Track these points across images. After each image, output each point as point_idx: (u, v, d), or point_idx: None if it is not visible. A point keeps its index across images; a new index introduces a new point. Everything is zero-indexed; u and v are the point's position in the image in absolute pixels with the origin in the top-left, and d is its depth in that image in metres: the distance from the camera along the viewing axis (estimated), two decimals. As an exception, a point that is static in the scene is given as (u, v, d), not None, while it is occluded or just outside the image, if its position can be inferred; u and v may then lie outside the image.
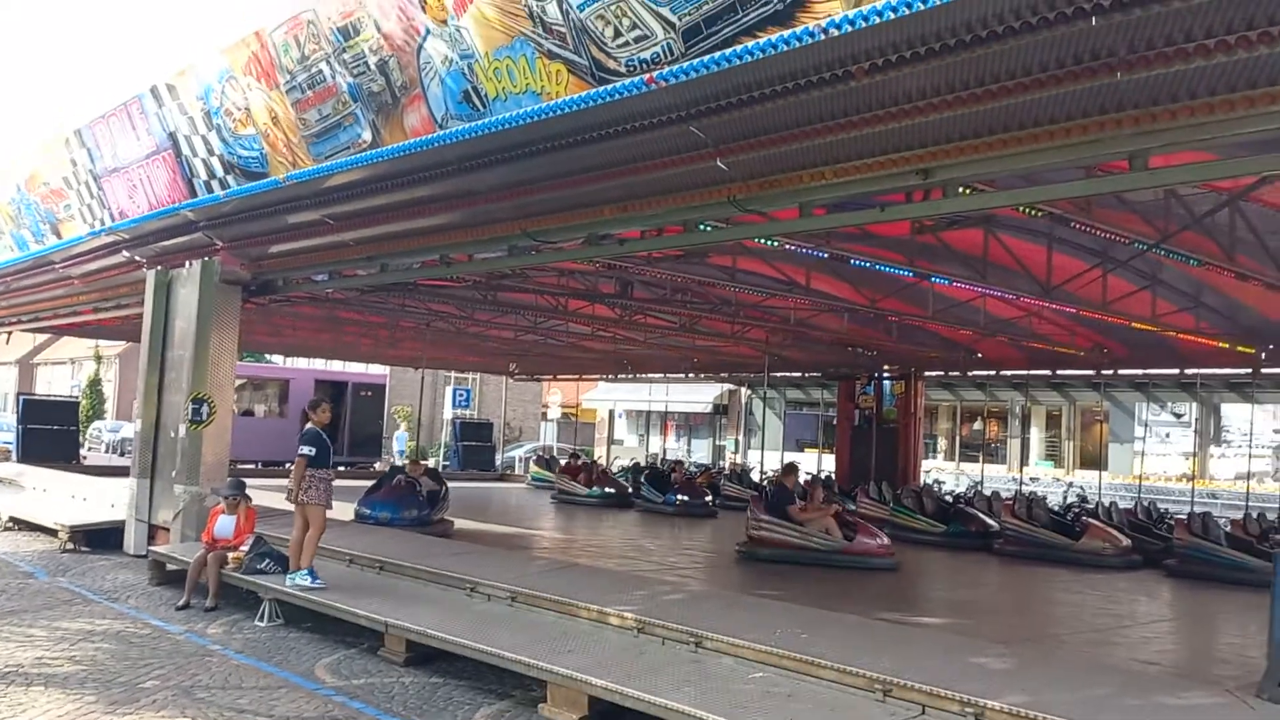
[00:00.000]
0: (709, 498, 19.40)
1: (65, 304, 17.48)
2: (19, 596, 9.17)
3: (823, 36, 5.02)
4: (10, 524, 13.63)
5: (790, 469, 14.18)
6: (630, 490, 20.45)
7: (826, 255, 10.98)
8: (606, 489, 20.49)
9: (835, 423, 24.82)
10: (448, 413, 31.83)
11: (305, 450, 8.37)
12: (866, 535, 12.51)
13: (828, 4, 5.01)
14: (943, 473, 27.86)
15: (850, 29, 4.90)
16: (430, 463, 25.85)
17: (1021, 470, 25.25)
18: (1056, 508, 16.14)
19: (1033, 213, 8.51)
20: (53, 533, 12.52)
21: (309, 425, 8.58)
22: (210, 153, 9.78)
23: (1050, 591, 11.97)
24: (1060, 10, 4.58)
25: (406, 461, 19.67)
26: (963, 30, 4.88)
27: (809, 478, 16.98)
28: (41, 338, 47.41)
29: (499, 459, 30.08)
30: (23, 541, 12.63)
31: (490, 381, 37.74)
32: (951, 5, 4.57)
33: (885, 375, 22.04)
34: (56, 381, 52.07)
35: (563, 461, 24.46)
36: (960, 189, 6.56)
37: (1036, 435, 30.37)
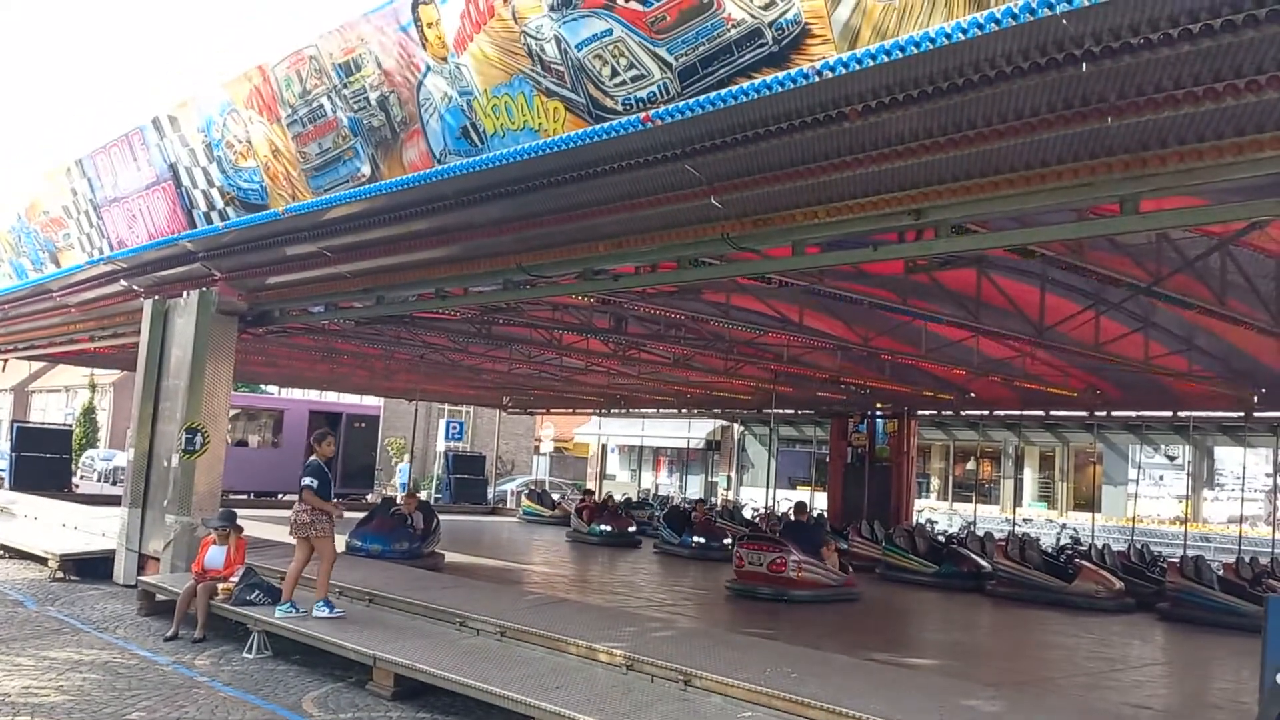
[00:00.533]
0: (728, 540, 18.08)
1: (62, 332, 17.48)
2: (7, 625, 9.09)
3: (817, 78, 5.11)
4: (1, 552, 13.53)
5: (802, 507, 14.36)
6: (635, 530, 20.00)
7: (821, 293, 11.06)
8: (613, 528, 19.66)
9: (828, 460, 24.79)
10: (440, 445, 31.73)
11: (308, 482, 8.38)
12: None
13: (822, 47, 5.11)
14: (935, 512, 27.79)
15: (844, 71, 4.99)
16: (422, 495, 25.73)
17: (1015, 511, 25.20)
18: (1050, 549, 16.12)
19: (1025, 254, 8.59)
20: (43, 561, 12.44)
21: (312, 458, 8.59)
22: (210, 184, 9.86)
23: (1042, 634, 11.92)
24: (1051, 56, 4.66)
25: (400, 494, 19.62)
26: (955, 74, 4.97)
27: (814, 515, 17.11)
28: (37, 365, 47.32)
29: (491, 492, 29.96)
30: (12, 570, 12.54)
31: (483, 415, 37.67)
32: (944, 49, 4.65)
33: (878, 414, 22.06)
34: (51, 409, 51.86)
35: (574, 497, 24.04)
36: (952, 229, 6.63)
37: (1030, 476, 30.31)
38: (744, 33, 5.32)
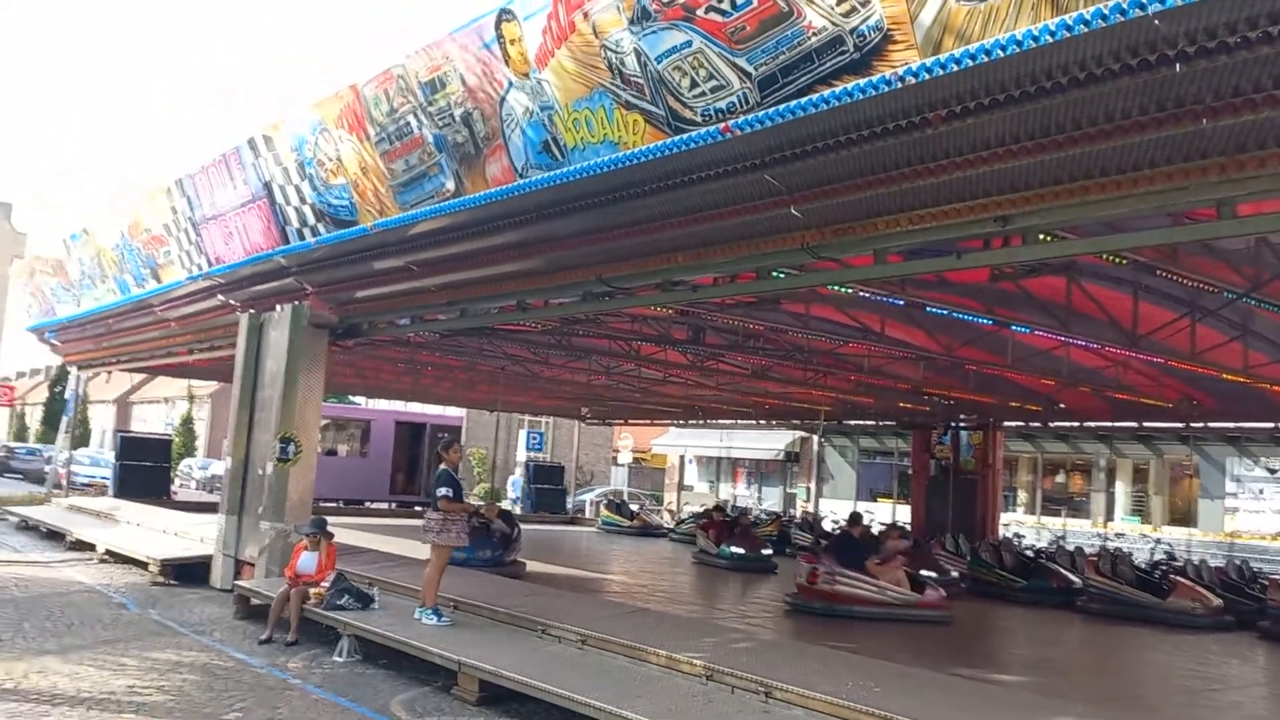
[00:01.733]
0: (767, 551, 17.69)
1: (162, 345, 18.18)
2: (112, 627, 9.49)
3: (900, 84, 5.08)
4: (106, 556, 14.11)
5: (856, 519, 13.89)
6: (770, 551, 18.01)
7: (903, 302, 10.92)
8: (746, 549, 17.34)
9: (910, 472, 24.38)
10: (521, 455, 32.10)
11: (443, 491, 8.66)
12: (929, 588, 12.31)
13: (905, 52, 5.08)
14: (1023, 526, 27.10)
15: (928, 77, 4.95)
16: (503, 504, 26.06)
17: (1106, 525, 24.42)
18: (1143, 565, 15.60)
19: (1117, 260, 8.37)
20: (144, 566, 12.94)
21: (442, 466, 8.85)
22: (302, 201, 10.18)
23: (1136, 651, 11.55)
24: (1143, 57, 4.55)
25: (482, 503, 19.89)
26: (1042, 77, 4.88)
27: (884, 528, 16.62)
28: (138, 377, 49.31)
29: (570, 502, 30.21)
30: (116, 574, 13.06)
31: (562, 425, 37.98)
32: (1031, 53, 4.59)
33: (962, 425, 21.64)
34: (151, 419, 53.92)
35: (697, 513, 22.98)
36: (1040, 236, 6.50)
37: (1122, 489, 29.33)
38: (824, 40, 5.31)
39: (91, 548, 14.59)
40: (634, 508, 27.62)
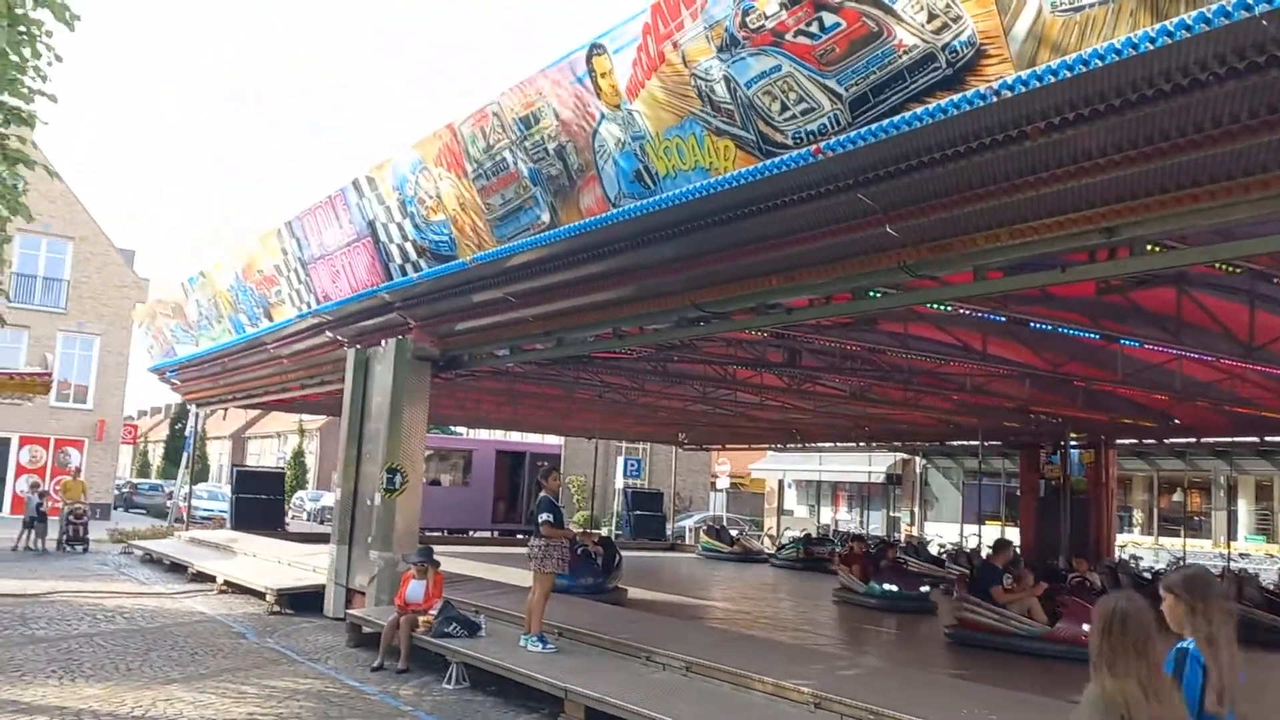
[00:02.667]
0: (925, 589, 14.99)
1: (275, 381, 18.90)
2: (233, 655, 9.86)
3: (994, 99, 5.02)
4: (225, 587, 14.67)
5: (1002, 546, 12.74)
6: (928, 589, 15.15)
7: (1004, 319, 10.67)
8: (900, 587, 15.32)
9: (1019, 494, 23.67)
10: (618, 482, 32.26)
11: (545, 517, 8.82)
12: (1074, 619, 10.89)
13: (999, 66, 5.02)
14: (1139, 547, 26.03)
15: (1023, 89, 4.89)
16: (603, 531, 26.21)
17: (1229, 546, 23.27)
18: (1271, 586, 14.80)
19: (1230, 269, 8.04)
20: (261, 596, 13.41)
21: (542, 494, 9.01)
22: (404, 238, 10.51)
23: (1268, 675, 10.93)
24: (1251, 60, 4.41)
25: (580, 530, 20.03)
26: (1144, 85, 4.77)
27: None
28: (252, 413, 51.28)
29: (670, 528, 30.19)
30: (235, 604, 13.57)
31: (660, 451, 38.05)
32: (1131, 60, 4.49)
33: (1072, 443, 20.93)
34: (264, 454, 55.97)
35: (798, 538, 22.19)
36: (1149, 246, 6.30)
37: (1244, 507, 27.93)
38: (916, 58, 5.29)
39: (212, 579, 15.19)
40: (733, 533, 27.47)
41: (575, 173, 8.02)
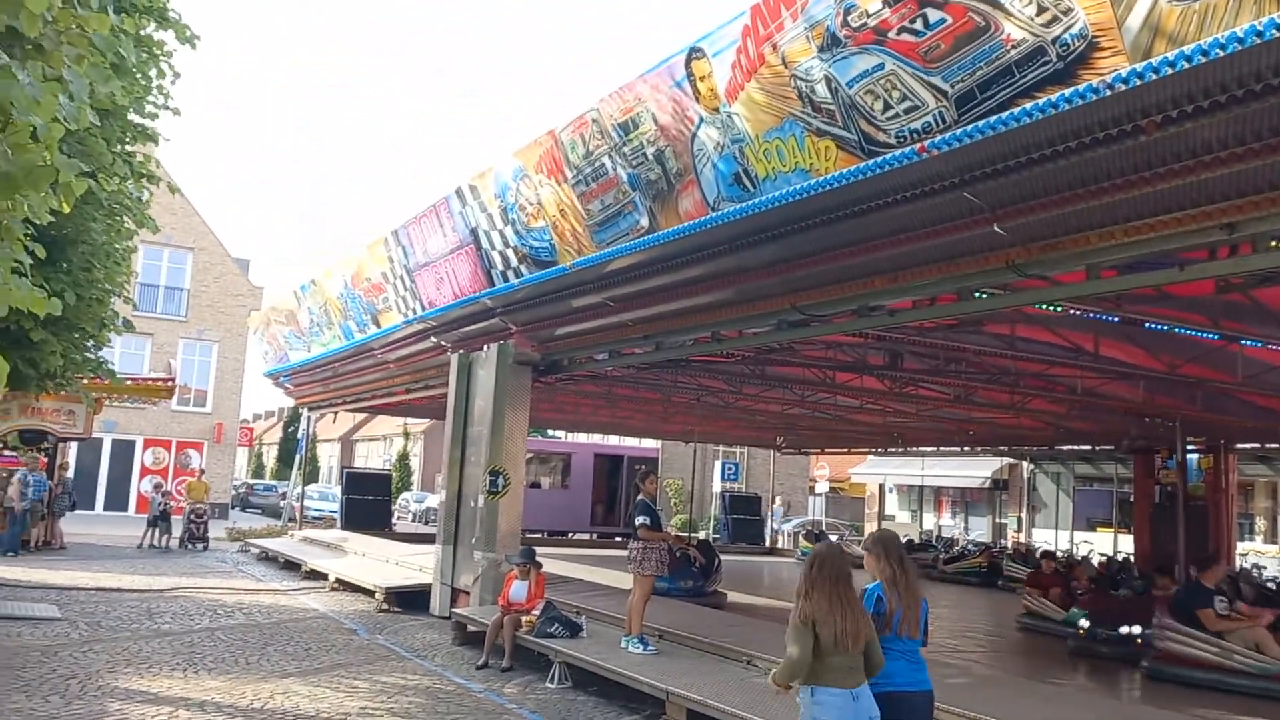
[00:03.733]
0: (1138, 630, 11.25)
1: (382, 385, 19.46)
2: (345, 651, 10.18)
3: (1108, 92, 4.87)
4: (336, 585, 15.17)
5: (1209, 561, 10.83)
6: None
7: (1118, 319, 10.30)
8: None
9: (1132, 500, 22.79)
10: (716, 486, 32.20)
11: (641, 520, 8.91)
12: None
13: (1112, 59, 4.87)
14: (1262, 556, 24.75)
15: (1138, 82, 4.74)
16: (700, 535, 26.19)
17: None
18: None
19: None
20: (371, 593, 13.81)
21: (640, 497, 9.09)
22: (506, 245, 10.72)
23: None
24: (1387, 44, 4.19)
25: (674, 532, 20.05)
26: (1269, 74, 4.57)
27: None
28: (359, 417, 52.89)
29: (768, 532, 29.98)
30: (346, 601, 14.02)
31: (757, 455, 37.83)
32: (1255, 49, 4.31)
33: (1190, 448, 20.04)
34: (371, 456, 57.66)
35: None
36: (1272, 242, 6.02)
37: (1385, 516, 26.34)
38: (1025, 53, 5.17)
39: (324, 577, 15.72)
40: (833, 538, 27.14)
41: (674, 177, 8.06)
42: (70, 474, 22.73)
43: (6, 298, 3.55)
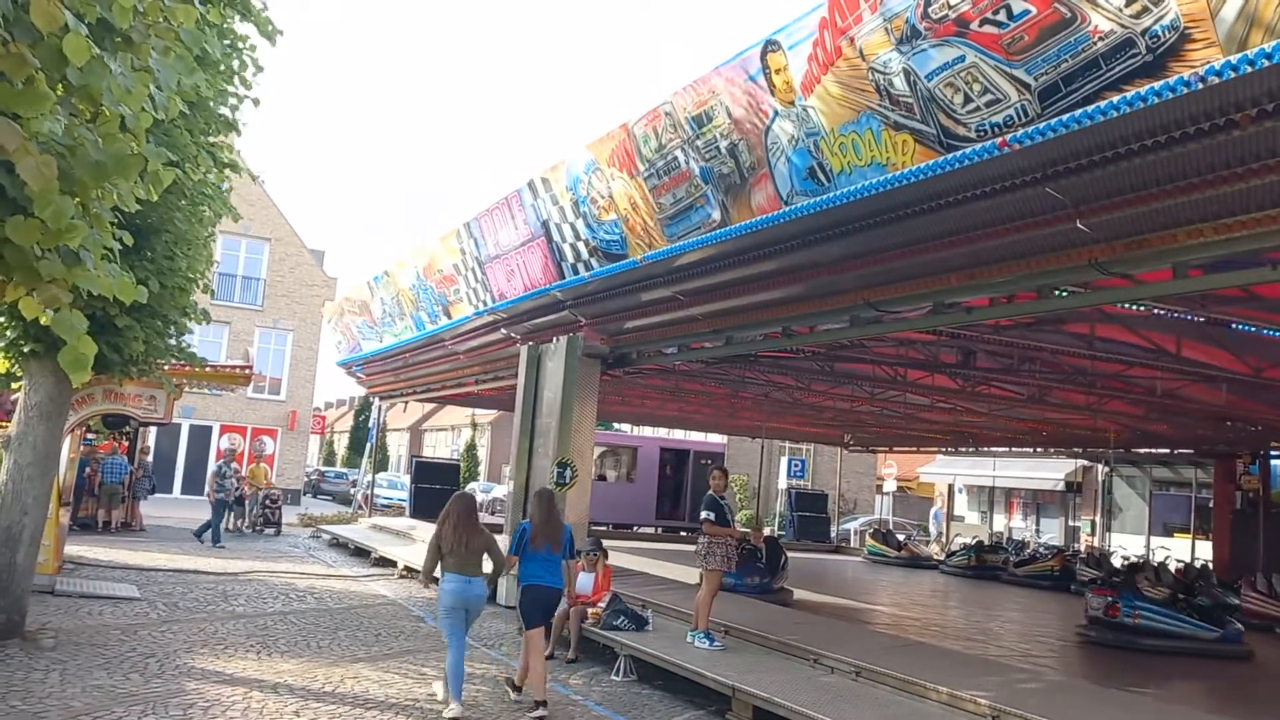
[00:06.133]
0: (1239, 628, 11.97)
1: (452, 376, 19.73)
2: (413, 638, 10.34)
3: (1200, 86, 4.72)
4: (405, 572, 15.42)
5: None
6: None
7: (1203, 319, 9.98)
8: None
9: (1211, 505, 22.10)
10: (782, 482, 31.97)
11: (706, 514, 8.93)
12: None
13: (1205, 50, 4.72)
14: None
15: (1233, 75, 4.58)
16: (767, 531, 26.08)
17: None
18: None
19: None
20: (438, 582, 13.97)
21: (708, 493, 9.10)
22: (577, 238, 10.77)
23: None
24: None
25: (748, 530, 19.98)
26: (1375, 65, 4.38)
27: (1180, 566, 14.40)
28: (428, 407, 53.67)
29: (834, 531, 29.72)
30: (414, 588, 14.23)
31: (824, 452, 37.49)
32: (1360, 39, 4.13)
33: (1273, 453, 19.35)
34: (439, 446, 58.47)
35: (968, 544, 20.78)
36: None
37: None
38: (1112, 45, 5.03)
39: (392, 564, 15.99)
40: (900, 537, 26.79)
41: (747, 170, 8.02)
42: (150, 458, 23.41)
43: (97, 284, 3.65)
